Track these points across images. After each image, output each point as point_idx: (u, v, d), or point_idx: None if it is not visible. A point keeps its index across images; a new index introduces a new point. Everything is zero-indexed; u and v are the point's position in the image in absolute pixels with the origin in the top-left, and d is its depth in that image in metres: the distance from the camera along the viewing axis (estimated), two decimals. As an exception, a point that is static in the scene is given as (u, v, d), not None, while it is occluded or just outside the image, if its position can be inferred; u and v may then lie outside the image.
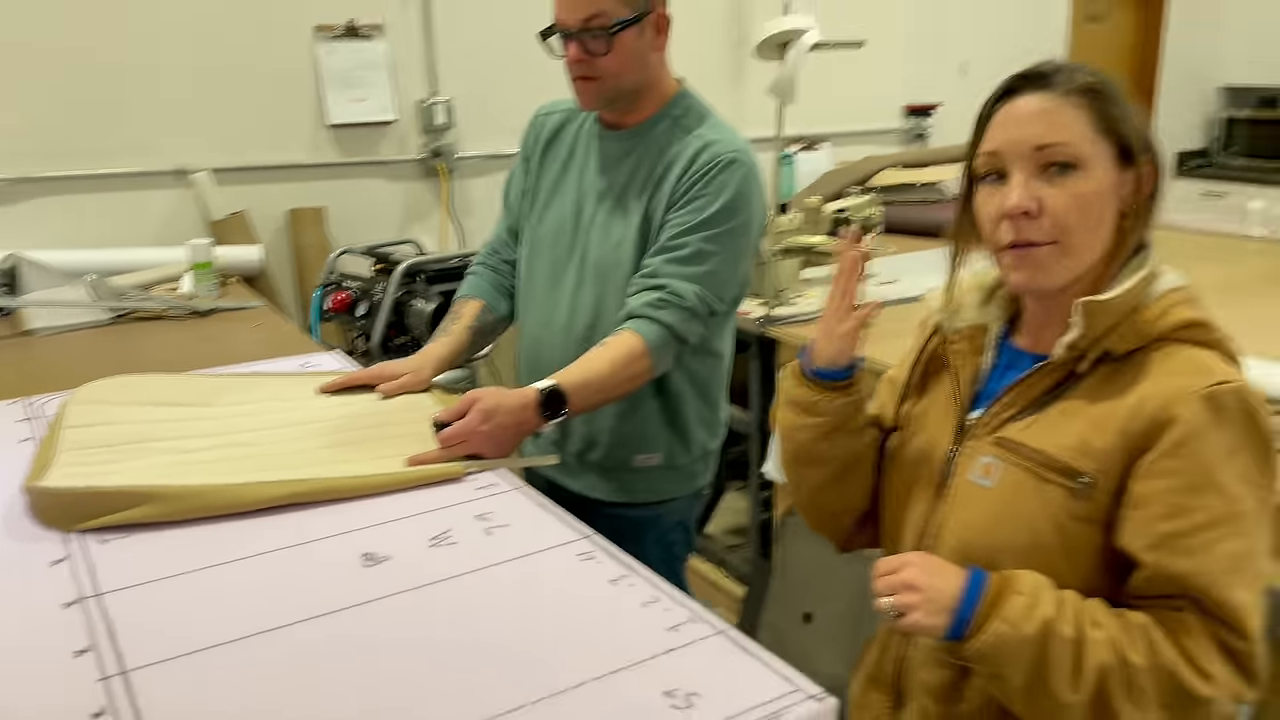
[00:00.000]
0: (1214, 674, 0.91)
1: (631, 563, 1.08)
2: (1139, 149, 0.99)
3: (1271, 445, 0.94)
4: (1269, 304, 2.61)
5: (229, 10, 3.16)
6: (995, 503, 1.02)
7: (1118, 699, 0.90)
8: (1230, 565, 0.91)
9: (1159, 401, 0.94)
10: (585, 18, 1.51)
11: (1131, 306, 0.98)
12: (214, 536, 1.16)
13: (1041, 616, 0.92)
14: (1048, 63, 1.03)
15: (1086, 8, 5.18)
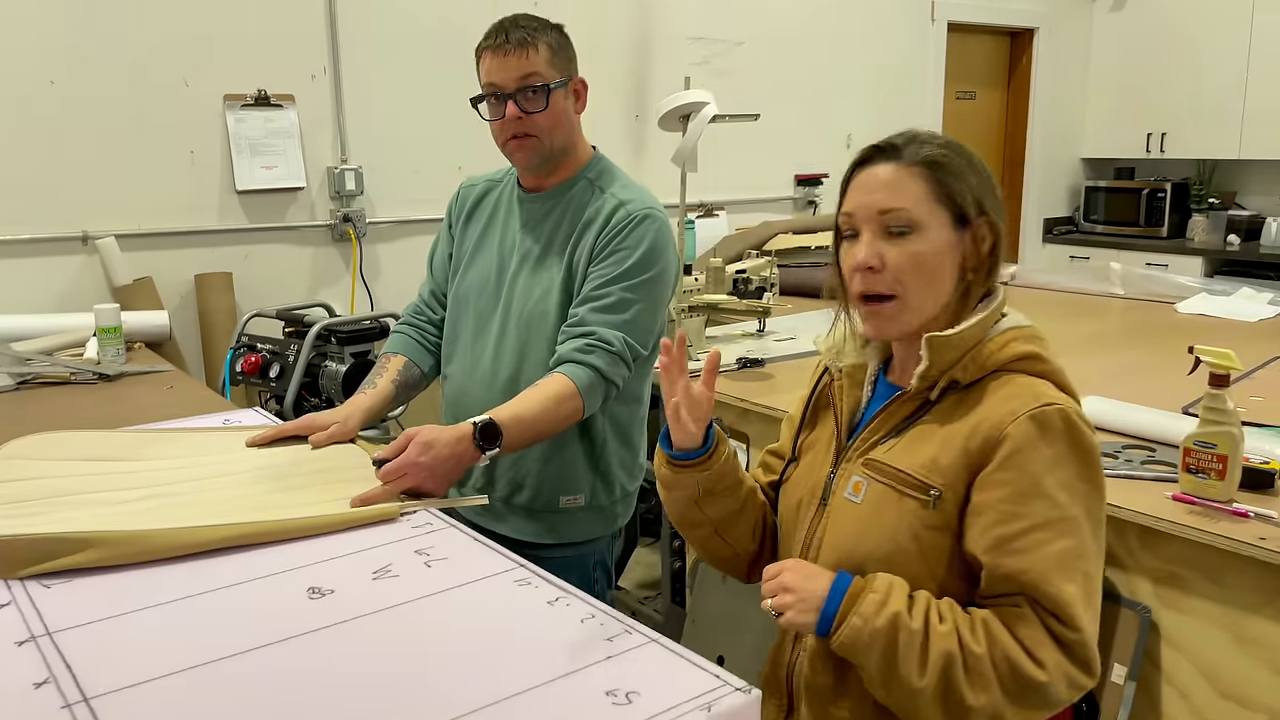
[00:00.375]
0: (1046, 661, 1.02)
1: (566, 586, 1.16)
2: (974, 214, 1.13)
3: (1094, 457, 1.08)
4: (1129, 353, 2.86)
5: (138, 77, 3.18)
6: (863, 516, 1.15)
7: (961, 684, 1.02)
8: (1056, 563, 1.03)
9: (993, 422, 1.07)
10: (521, 77, 1.63)
11: (974, 342, 1.12)
12: (158, 578, 1.20)
13: (891, 611, 1.04)
14: (901, 135, 1.17)
15: (959, 86, 5.57)
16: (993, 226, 1.14)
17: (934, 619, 1.05)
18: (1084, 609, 1.03)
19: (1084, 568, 1.04)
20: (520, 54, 1.63)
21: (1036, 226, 6.06)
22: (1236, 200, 5.76)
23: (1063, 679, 1.02)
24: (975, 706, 1.02)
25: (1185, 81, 5.57)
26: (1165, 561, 1.68)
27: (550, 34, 1.68)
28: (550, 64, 1.65)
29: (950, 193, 1.11)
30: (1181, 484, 1.70)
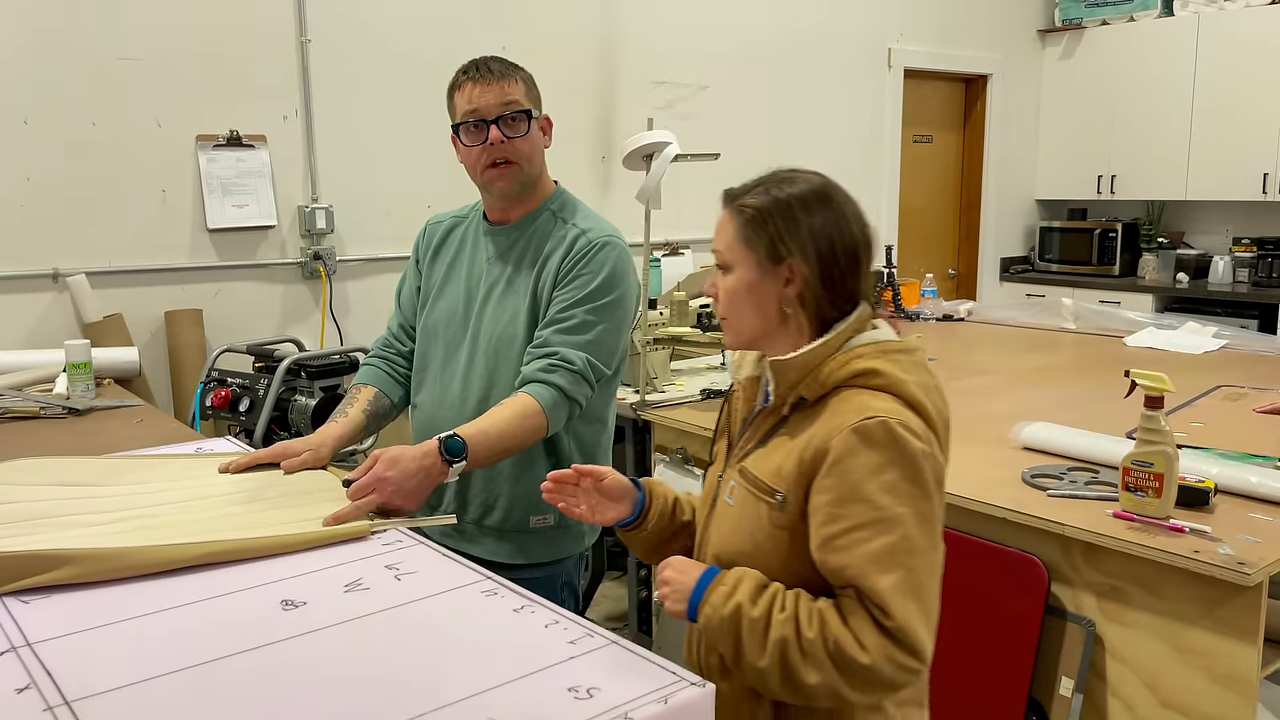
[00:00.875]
0: (869, 645, 1.12)
1: (531, 595, 1.21)
2: (782, 254, 1.24)
3: (917, 462, 1.16)
4: (1079, 384, 2.96)
5: (111, 117, 3.24)
6: (734, 517, 1.29)
7: (797, 665, 1.14)
8: (874, 559, 1.13)
9: (823, 435, 1.19)
10: (504, 103, 1.73)
11: (816, 363, 1.23)
12: (135, 592, 1.24)
13: (735, 602, 1.18)
14: (753, 180, 1.30)
15: (916, 130, 5.74)
16: (805, 264, 1.24)
17: (775, 609, 1.17)
18: (903, 598, 1.13)
19: (906, 562, 1.14)
20: (501, 84, 1.73)
21: (994, 265, 6.21)
22: (1185, 240, 5.95)
23: (886, 661, 1.13)
24: (812, 684, 1.14)
25: (1133, 126, 5.77)
26: (1107, 576, 1.75)
27: (524, 71, 1.80)
28: (527, 95, 1.77)
29: (756, 237, 1.25)
30: (1121, 502, 1.78)
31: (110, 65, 3.22)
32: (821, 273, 1.23)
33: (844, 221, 1.26)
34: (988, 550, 1.87)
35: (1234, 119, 5.34)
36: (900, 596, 1.13)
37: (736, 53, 4.79)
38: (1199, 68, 5.46)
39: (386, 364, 1.98)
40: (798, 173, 1.29)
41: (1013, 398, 2.77)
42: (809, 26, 5.05)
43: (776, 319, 1.26)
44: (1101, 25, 5.91)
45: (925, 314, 4.26)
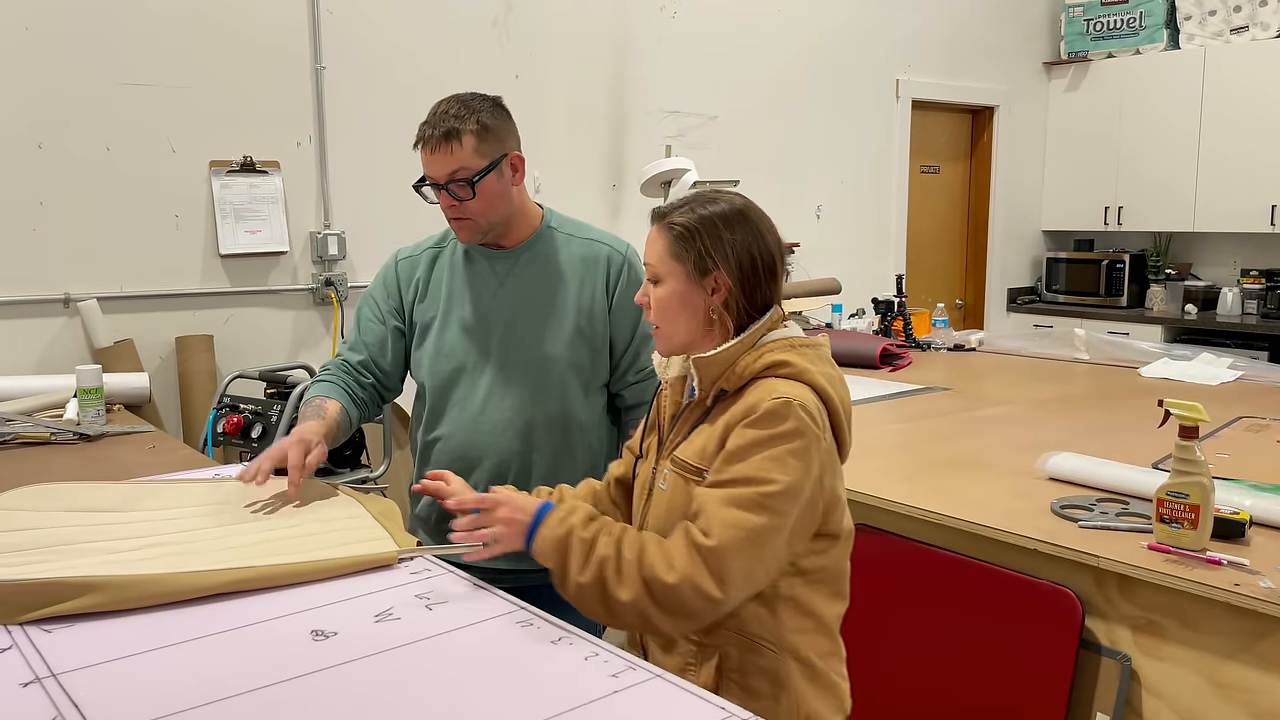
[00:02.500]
0: (676, 566, 1.25)
1: (569, 626, 1.18)
2: (708, 267, 1.36)
3: (807, 445, 1.29)
4: (1096, 413, 2.93)
5: (125, 142, 3.23)
6: (667, 501, 1.40)
7: (612, 582, 1.27)
8: (727, 497, 1.27)
9: (742, 410, 1.33)
10: (449, 173, 1.78)
11: (734, 359, 1.36)
12: (160, 622, 1.20)
13: (569, 524, 1.32)
14: (680, 200, 1.43)
15: (923, 160, 5.76)
16: (728, 276, 1.37)
17: (602, 533, 1.31)
18: (732, 531, 1.25)
19: (754, 511, 1.26)
20: (446, 150, 1.77)
21: (1001, 296, 6.21)
22: (1192, 271, 5.95)
23: (689, 585, 1.24)
24: (624, 601, 1.26)
25: (1140, 157, 5.79)
26: (1143, 609, 1.72)
27: (478, 118, 1.78)
28: (476, 152, 1.78)
29: (682, 252, 1.37)
30: (1156, 534, 1.75)
31: (124, 90, 3.22)
32: (742, 283, 1.37)
33: (761, 238, 1.39)
34: (1018, 582, 1.84)
35: (1242, 151, 5.35)
36: (731, 529, 1.25)
37: (746, 83, 4.81)
38: (1206, 100, 5.48)
39: (346, 385, 1.94)
40: (720, 193, 1.43)
41: (1031, 428, 2.74)
42: (818, 57, 5.08)
43: (705, 325, 1.39)
44: (1108, 58, 5.94)
45: (936, 344, 4.23)
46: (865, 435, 2.72)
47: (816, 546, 1.38)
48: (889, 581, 2.07)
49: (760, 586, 1.32)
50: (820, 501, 1.35)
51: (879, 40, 5.32)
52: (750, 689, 1.36)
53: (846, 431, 1.40)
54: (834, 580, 1.42)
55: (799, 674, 1.37)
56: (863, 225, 5.42)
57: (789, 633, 1.37)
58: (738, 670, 1.36)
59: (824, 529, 1.38)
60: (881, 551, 2.09)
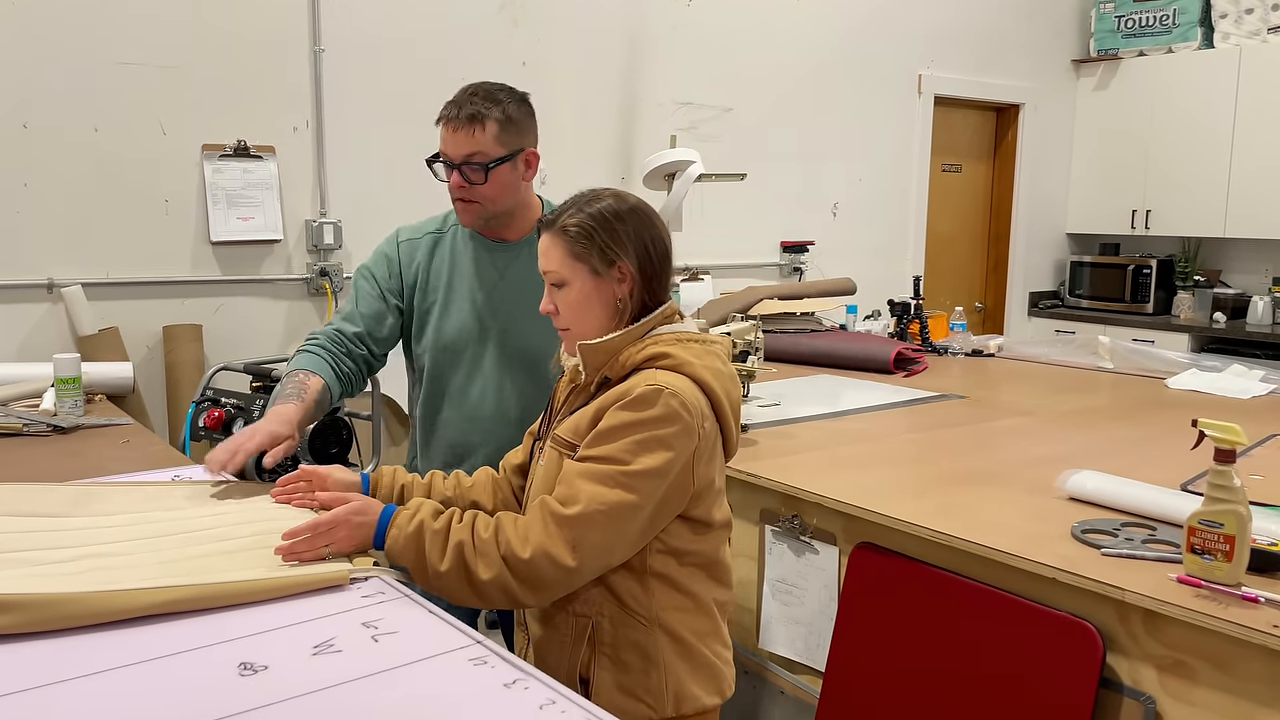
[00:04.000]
0: (530, 540, 1.30)
1: (525, 666, 1.05)
2: (612, 258, 1.41)
3: (673, 434, 1.34)
4: (1121, 428, 2.78)
5: (113, 122, 3.13)
6: (542, 476, 1.45)
7: (471, 563, 1.30)
8: (588, 472, 1.32)
9: (618, 393, 1.37)
10: (467, 154, 1.80)
11: (619, 348, 1.41)
12: (77, 647, 1.08)
13: (419, 519, 1.34)
14: (566, 203, 1.46)
15: (945, 159, 5.60)
16: (626, 269, 1.42)
17: (454, 521, 1.35)
18: (592, 505, 1.30)
19: (612, 487, 1.31)
20: (468, 130, 1.79)
21: (1022, 300, 6.04)
22: (1221, 278, 5.76)
23: (544, 556, 1.29)
24: (486, 580, 1.30)
25: (1170, 160, 5.61)
26: (1170, 648, 1.58)
27: (504, 109, 1.82)
28: (497, 140, 1.80)
29: (581, 253, 1.42)
30: (1186, 565, 1.61)
31: (115, 69, 3.11)
32: (643, 269, 1.43)
33: (653, 227, 1.46)
34: (1035, 613, 1.70)
35: (1277, 154, 5.16)
36: (587, 501, 1.29)
37: (763, 75, 4.66)
38: (1240, 101, 5.29)
39: (333, 358, 1.91)
40: (599, 191, 1.47)
41: (1052, 441, 2.59)
42: (837, 51, 4.92)
43: (614, 316, 1.43)
44: (1139, 56, 5.75)
45: (954, 348, 4.08)
46: (874, 446, 2.59)
47: (690, 530, 1.43)
48: (893, 606, 1.93)
49: (615, 562, 1.36)
50: (689, 488, 1.38)
51: (901, 33, 5.15)
52: (621, 662, 1.40)
53: (733, 426, 1.46)
54: (710, 565, 1.47)
55: (671, 649, 1.42)
56: (880, 224, 5.26)
57: (661, 608, 1.41)
58: (610, 644, 1.40)
59: (698, 515, 1.42)
60: (886, 573, 1.96)
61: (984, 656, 1.76)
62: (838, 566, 2.10)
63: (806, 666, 2.18)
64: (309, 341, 1.94)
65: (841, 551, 2.09)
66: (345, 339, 1.94)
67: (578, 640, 1.42)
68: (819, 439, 2.57)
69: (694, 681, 1.44)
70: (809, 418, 2.79)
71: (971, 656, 1.78)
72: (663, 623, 1.42)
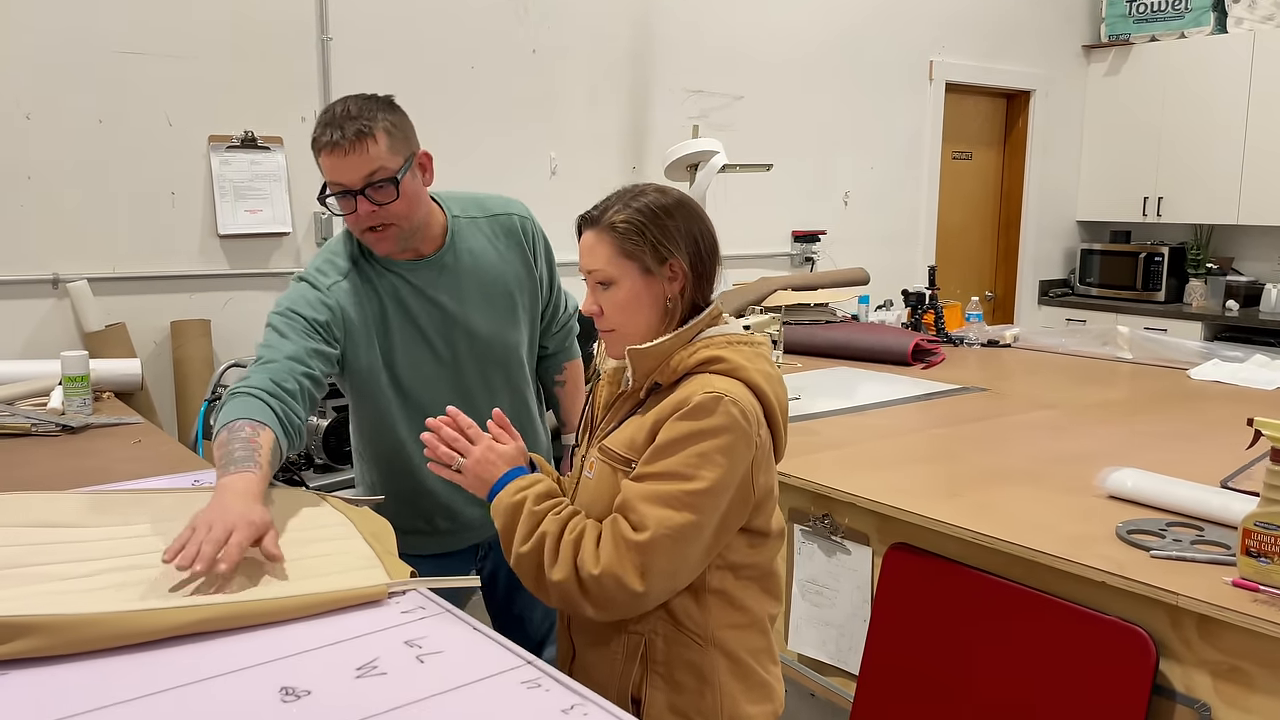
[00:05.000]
0: (602, 559, 1.28)
1: (582, 690, 1.00)
2: (655, 263, 1.36)
3: (735, 442, 1.30)
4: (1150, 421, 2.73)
5: (119, 113, 3.06)
6: (594, 488, 1.41)
7: (548, 558, 1.31)
8: (655, 495, 1.28)
9: (675, 402, 1.32)
10: (367, 175, 1.61)
11: (669, 352, 1.36)
12: (106, 672, 1.03)
13: (521, 497, 1.36)
14: (608, 199, 1.40)
15: (955, 146, 5.53)
16: (678, 266, 1.37)
17: (552, 511, 1.34)
18: (661, 530, 1.26)
19: (680, 510, 1.27)
20: (360, 149, 1.60)
21: (1032, 288, 5.99)
22: (1234, 265, 5.71)
23: (612, 578, 1.27)
24: (554, 580, 1.30)
25: (1182, 146, 5.55)
26: (1226, 654, 1.53)
27: (385, 116, 1.64)
28: (391, 150, 1.63)
29: (632, 251, 1.36)
30: (1241, 568, 1.56)
31: (120, 59, 3.04)
32: (694, 266, 1.37)
33: (700, 221, 1.40)
34: (1084, 618, 1.65)
35: (1291, 140, 5.11)
36: (660, 526, 1.26)
37: (774, 62, 4.59)
38: (1254, 87, 5.23)
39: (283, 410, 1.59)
40: (641, 185, 1.42)
41: (1079, 436, 2.55)
42: (848, 37, 4.85)
43: (663, 316, 1.38)
44: (1150, 41, 5.69)
45: (970, 339, 4.03)
46: (901, 442, 2.54)
47: (748, 543, 1.39)
48: (933, 608, 1.88)
49: (683, 584, 1.33)
50: (750, 498, 1.35)
51: (913, 19, 5.08)
52: (675, 682, 1.36)
53: (783, 431, 1.42)
54: (765, 578, 1.43)
55: (726, 669, 1.38)
56: (892, 213, 5.20)
57: (717, 626, 1.37)
58: (663, 663, 1.36)
59: (757, 525, 1.39)
60: (924, 575, 1.91)
61: (1030, 662, 1.71)
62: (871, 567, 2.06)
63: (837, 669, 2.14)
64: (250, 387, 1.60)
65: (875, 552, 2.05)
66: (284, 393, 1.61)
67: (629, 659, 1.37)
68: (843, 435, 2.52)
69: (748, 702, 1.40)
70: (830, 412, 2.73)
71: (1017, 662, 1.73)
72: (718, 641, 1.37)
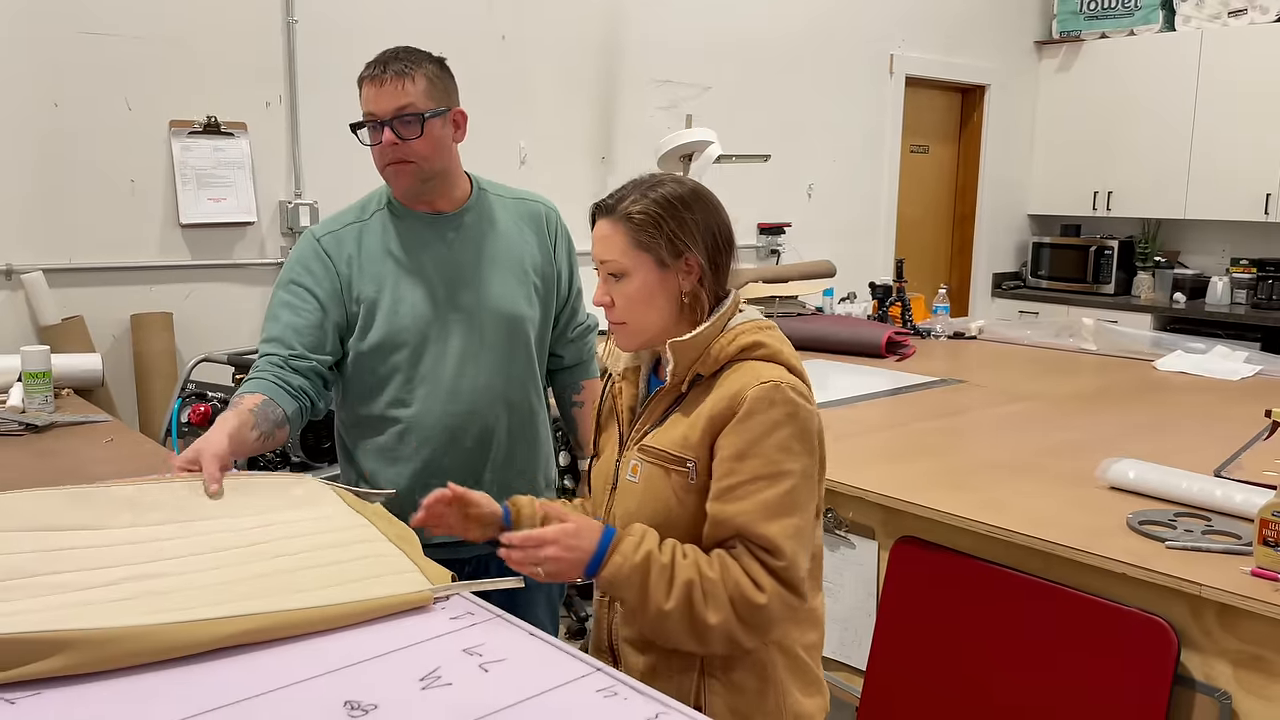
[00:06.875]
0: (765, 586, 1.24)
1: (661, 697, 0.96)
2: (671, 256, 1.33)
3: (806, 423, 1.30)
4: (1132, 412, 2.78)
5: (74, 96, 2.92)
6: (640, 492, 1.36)
7: (699, 605, 1.23)
8: (765, 508, 1.25)
9: (726, 400, 1.30)
10: (398, 107, 1.72)
11: (708, 341, 1.34)
12: (151, 688, 0.97)
13: (645, 549, 1.26)
14: (623, 188, 1.37)
15: (913, 140, 5.58)
16: (694, 261, 1.34)
17: (679, 555, 1.27)
18: (791, 541, 1.26)
19: (792, 511, 1.27)
20: (396, 84, 1.72)
21: (986, 281, 6.08)
22: (1180, 259, 5.86)
23: (778, 600, 1.25)
24: (713, 625, 1.24)
25: (1132, 142, 5.67)
26: (1246, 642, 1.55)
27: (429, 66, 1.77)
28: (427, 94, 1.74)
29: (647, 242, 1.32)
30: (1258, 558, 1.58)
31: (76, 40, 2.91)
32: (711, 260, 1.35)
33: (717, 213, 1.38)
34: (1104, 610, 1.66)
35: (1236, 137, 5.25)
36: (788, 540, 1.25)
37: (741, 53, 4.58)
38: (1201, 84, 5.37)
39: (276, 377, 1.71)
40: (658, 175, 1.39)
41: (1067, 427, 2.57)
42: (812, 28, 4.86)
43: (676, 311, 1.35)
44: (1101, 38, 5.80)
45: (936, 331, 4.07)
46: (893, 435, 2.54)
47: None
48: (944, 602, 1.88)
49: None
50: (822, 472, 1.36)
51: (874, 12, 5.11)
52: (734, 684, 1.33)
53: None
54: (815, 563, 1.40)
55: (784, 666, 1.36)
56: (853, 205, 5.23)
57: None
58: (722, 667, 1.33)
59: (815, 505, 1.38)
60: (934, 569, 1.91)
61: (1048, 655, 1.72)
62: (877, 561, 2.05)
63: (842, 663, 2.13)
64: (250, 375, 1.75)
65: (881, 546, 2.04)
66: (284, 361, 1.74)
67: (685, 670, 1.33)
68: (836, 428, 2.50)
69: (805, 696, 1.38)
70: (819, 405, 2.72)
71: (1033, 655, 1.74)
72: (776, 638, 1.35)
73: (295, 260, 1.83)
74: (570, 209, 2.10)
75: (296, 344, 1.75)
